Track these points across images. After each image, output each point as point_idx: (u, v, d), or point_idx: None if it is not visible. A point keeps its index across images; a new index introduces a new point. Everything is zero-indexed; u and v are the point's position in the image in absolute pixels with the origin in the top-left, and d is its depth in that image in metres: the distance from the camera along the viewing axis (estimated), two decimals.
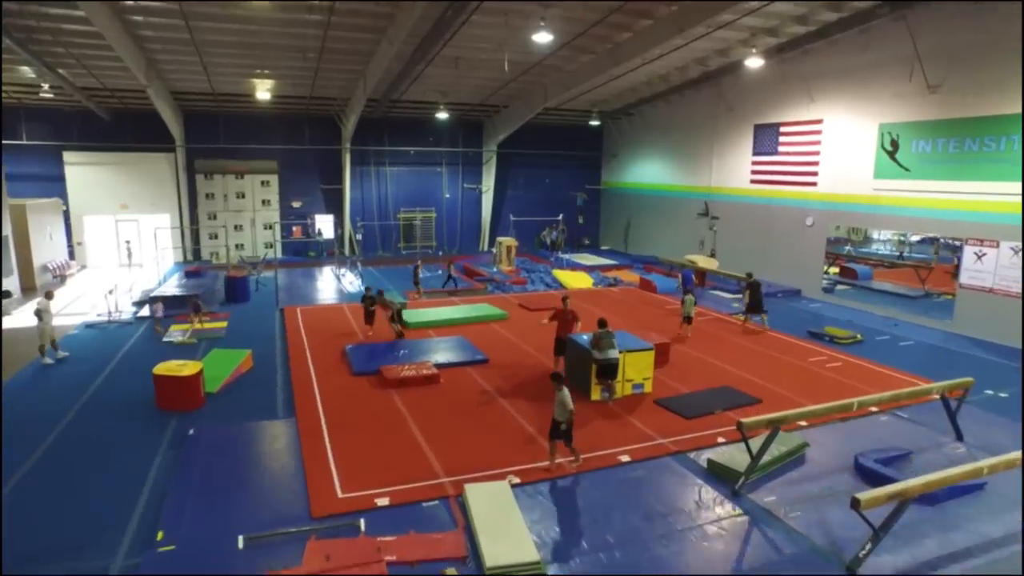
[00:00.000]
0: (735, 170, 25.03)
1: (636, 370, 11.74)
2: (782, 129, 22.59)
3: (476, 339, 15.30)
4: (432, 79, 24.05)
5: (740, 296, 19.57)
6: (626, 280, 25.07)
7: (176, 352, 14.11)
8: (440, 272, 25.65)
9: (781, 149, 22.70)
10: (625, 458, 9.14)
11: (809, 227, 21.78)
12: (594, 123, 30.22)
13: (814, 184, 21.52)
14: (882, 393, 9.86)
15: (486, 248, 32.59)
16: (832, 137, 20.70)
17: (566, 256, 28.79)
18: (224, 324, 16.89)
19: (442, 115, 27.12)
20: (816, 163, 21.38)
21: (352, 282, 23.71)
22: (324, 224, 30.55)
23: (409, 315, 17.01)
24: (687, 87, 25.67)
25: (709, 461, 8.91)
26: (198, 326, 16.31)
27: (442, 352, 14.07)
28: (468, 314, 17.36)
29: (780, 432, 8.58)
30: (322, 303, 19.83)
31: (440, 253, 29.20)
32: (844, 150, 20.27)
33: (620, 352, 11.39)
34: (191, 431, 9.85)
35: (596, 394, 11.46)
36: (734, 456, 8.77)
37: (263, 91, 23.73)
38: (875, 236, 24.25)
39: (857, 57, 19.34)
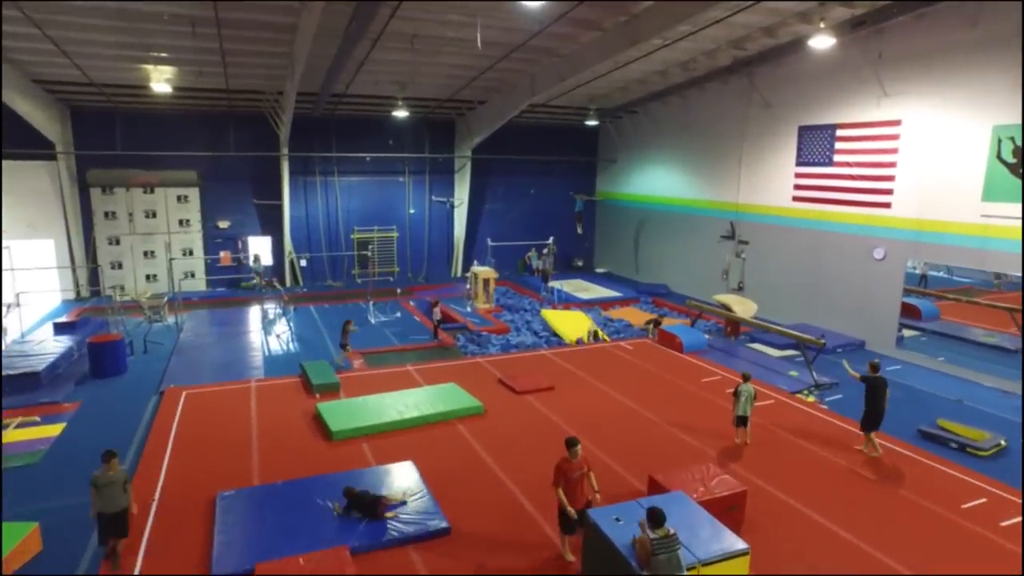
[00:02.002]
0: (772, 184, 19.80)
1: None
2: (840, 132, 17.38)
3: (434, 463, 9.84)
4: (384, 66, 18.50)
5: (797, 356, 14.28)
6: (631, 318, 19.73)
7: None
8: (398, 316, 20.09)
9: (838, 159, 17.50)
10: None
11: (879, 261, 16.61)
12: (591, 123, 24.79)
13: (887, 206, 16.34)
14: None
15: (459, 273, 27.06)
16: (915, 144, 15.53)
17: (557, 287, 23.38)
18: (58, 430, 11.20)
19: (400, 113, 21.54)
20: (891, 178, 16.20)
21: (280, 334, 18.01)
22: (261, 248, 24.79)
23: (338, 413, 11.45)
24: (711, 78, 20.37)
25: None
26: (9, 434, 10.65)
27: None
28: (425, 409, 11.82)
29: None
30: (224, 381, 14.09)
31: (399, 290, 23.59)
32: (935, 161, 15.11)
33: (694, 571, 6.01)
34: None
35: None
36: None
37: (160, 82, 17.95)
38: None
39: (959, 34, 14.18)
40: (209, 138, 23.27)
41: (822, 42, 14.02)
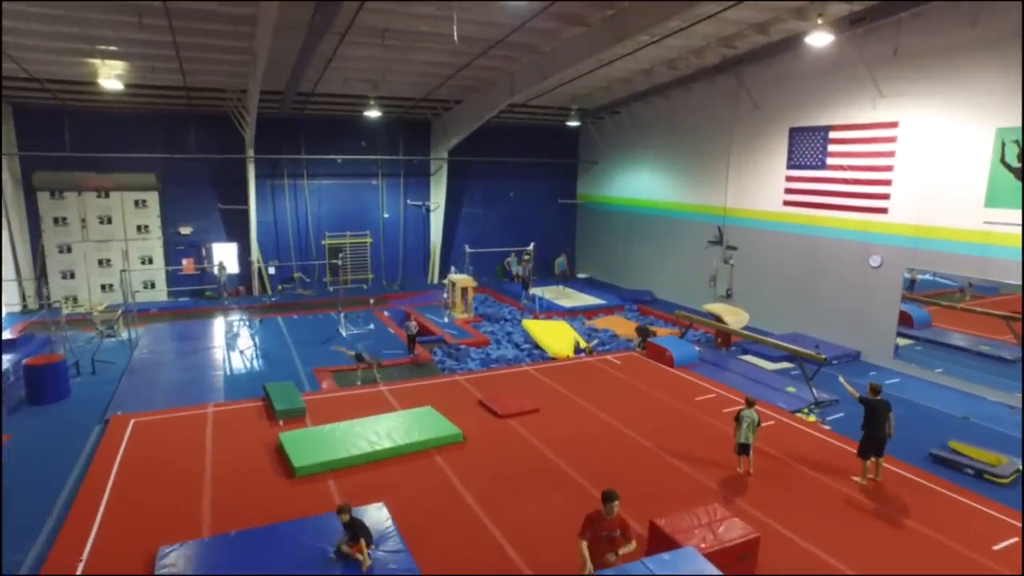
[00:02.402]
0: (761, 188, 19.07)
1: None
2: (833, 135, 16.68)
3: (409, 503, 8.81)
4: (354, 63, 17.37)
5: (793, 370, 13.49)
6: (616, 328, 18.87)
7: None
8: (371, 327, 18.96)
9: (832, 162, 16.80)
10: None
11: (875, 269, 15.94)
12: (572, 123, 23.87)
13: (883, 211, 15.67)
14: None
15: (435, 280, 25.97)
16: (913, 147, 14.87)
17: (539, 294, 22.42)
18: None
19: (373, 112, 20.38)
20: (887, 182, 15.53)
21: (245, 350, 16.77)
22: (226, 255, 23.44)
23: (302, 445, 10.33)
24: (698, 78, 19.58)
25: None
26: None
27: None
28: (399, 439, 10.74)
29: None
30: (179, 406, 12.84)
31: (372, 300, 22.42)
32: (934, 165, 14.46)
33: None
34: None
35: None
36: None
37: (109, 78, 16.60)
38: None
39: (958, 33, 13.53)
40: (168, 139, 21.88)
41: (819, 39, 13.24)
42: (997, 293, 15.10)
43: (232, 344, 17.27)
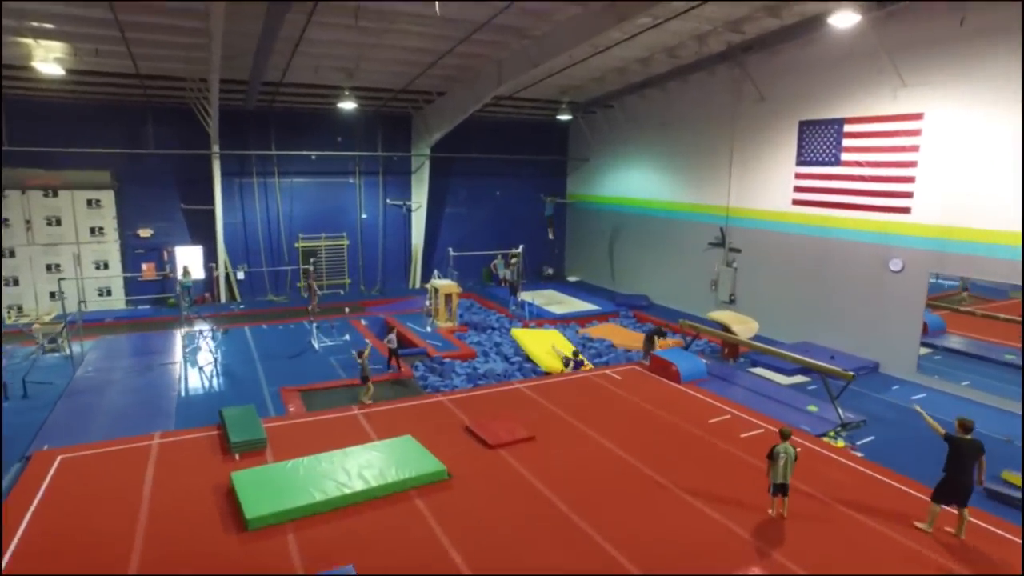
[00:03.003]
0: (768, 186, 17.76)
1: None
2: (849, 128, 15.39)
3: (383, 563, 7.27)
4: (325, 48, 15.76)
5: (809, 384, 12.10)
6: (613, 337, 17.44)
7: None
8: (347, 338, 17.34)
9: (847, 157, 15.52)
10: None
11: (896, 273, 14.67)
12: (563, 117, 22.36)
13: (906, 211, 14.40)
14: None
15: (417, 285, 24.39)
16: (940, 141, 13.60)
17: (529, 300, 20.94)
18: None
19: (348, 105, 18.75)
20: (910, 179, 14.25)
21: (205, 366, 15.06)
22: (190, 259, 21.64)
23: (258, 489, 8.72)
24: (698, 67, 18.23)
25: None
26: None
27: None
28: (373, 478, 9.14)
29: None
30: (119, 438, 11.14)
31: (347, 308, 20.78)
32: (964, 161, 13.19)
33: None
34: None
35: None
36: None
37: (48, 61, 14.81)
38: None
39: (989, 17, 12.25)
40: (125, 133, 20.07)
41: (844, 19, 11.90)
42: (1007, 296, 13.97)
43: (191, 359, 15.56)
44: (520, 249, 21.09)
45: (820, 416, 12.07)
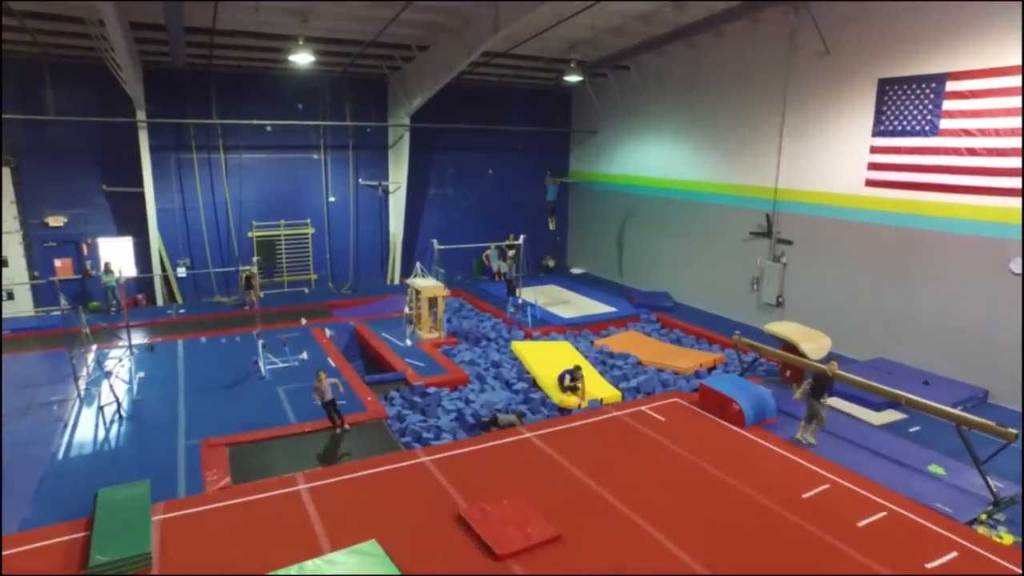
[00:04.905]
0: (831, 162, 14.22)
1: None
2: (952, 86, 11.83)
3: None
4: None
5: (907, 424, 8.59)
6: (637, 350, 13.87)
7: None
8: (304, 357, 13.64)
9: (947, 125, 11.98)
10: None
11: (1017, 276, 11.25)
12: (572, 79, 18.36)
13: None
14: None
15: (396, 281, 20.70)
16: None
17: (531, 301, 17.34)
18: None
19: (304, 58, 14.80)
20: None
21: (106, 406, 11.26)
22: (117, 253, 17.79)
23: None
24: (738, 15, 14.54)
25: None
26: None
27: None
28: None
29: None
30: None
31: (303, 320, 17.03)
32: None
33: None
34: None
35: None
36: None
37: None
38: None
39: None
40: (18, 96, 16.00)
41: None
42: None
43: (91, 394, 11.76)
44: (521, 240, 17.45)
45: (952, 484, 8.66)
